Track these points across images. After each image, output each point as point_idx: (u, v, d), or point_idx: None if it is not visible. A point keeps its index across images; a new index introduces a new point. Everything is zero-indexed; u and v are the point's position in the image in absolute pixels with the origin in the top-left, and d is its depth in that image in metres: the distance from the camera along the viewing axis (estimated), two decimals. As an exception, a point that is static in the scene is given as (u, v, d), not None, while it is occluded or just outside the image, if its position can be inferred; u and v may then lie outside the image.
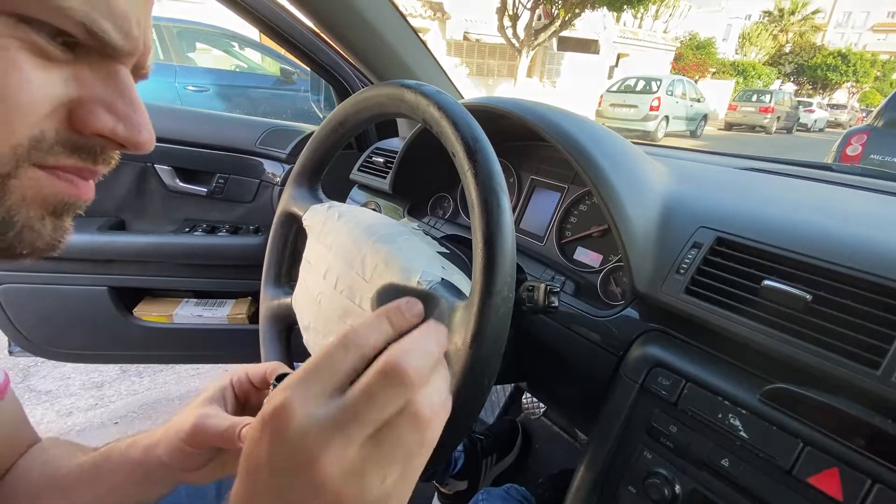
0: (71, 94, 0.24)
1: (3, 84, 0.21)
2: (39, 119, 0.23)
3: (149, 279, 1.20)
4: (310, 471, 0.20)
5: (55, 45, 0.22)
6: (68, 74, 0.23)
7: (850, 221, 0.52)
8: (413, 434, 0.22)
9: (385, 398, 0.21)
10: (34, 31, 0.21)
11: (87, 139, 0.25)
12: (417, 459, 0.23)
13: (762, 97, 13.93)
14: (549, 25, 13.23)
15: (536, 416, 1.26)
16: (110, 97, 0.25)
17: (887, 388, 0.36)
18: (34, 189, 0.24)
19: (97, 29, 0.22)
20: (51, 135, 0.24)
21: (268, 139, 1.23)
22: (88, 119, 0.25)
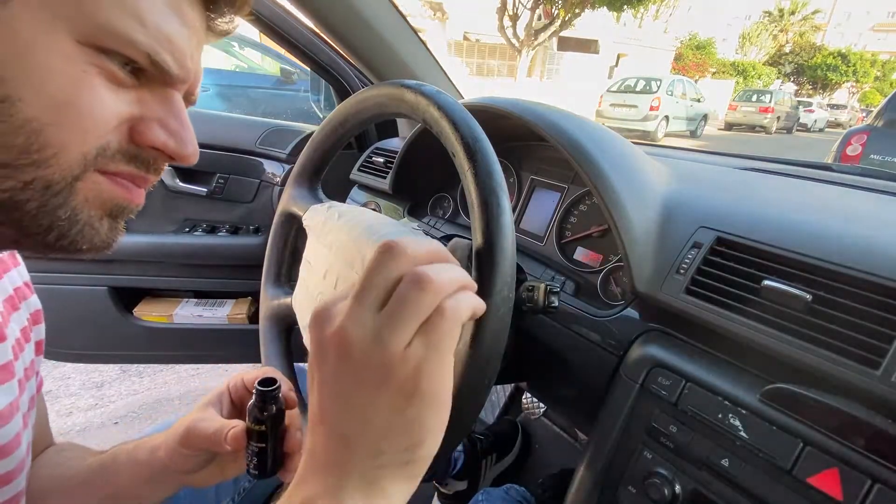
0: (133, 113, 0.28)
1: (83, 101, 0.25)
2: (107, 131, 0.27)
3: (149, 279, 1.20)
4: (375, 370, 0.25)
5: (125, 72, 0.27)
6: (133, 97, 0.28)
7: (850, 221, 0.52)
8: (444, 325, 0.26)
9: (418, 302, 0.25)
10: (109, 60, 0.26)
11: (143, 150, 0.30)
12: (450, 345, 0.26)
13: (762, 97, 13.93)
14: (549, 25, 13.24)
15: (536, 416, 1.26)
16: (165, 117, 0.30)
17: (887, 388, 0.36)
18: (95, 191, 0.28)
19: (159, 59, 0.27)
20: (114, 145, 0.28)
21: (268, 139, 1.23)
22: (146, 133, 0.29)
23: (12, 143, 0.24)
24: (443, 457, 0.35)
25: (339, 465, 0.25)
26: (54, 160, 0.25)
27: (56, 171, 0.26)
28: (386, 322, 0.25)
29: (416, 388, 0.25)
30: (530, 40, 13.36)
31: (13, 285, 0.41)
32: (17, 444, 0.37)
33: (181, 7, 0.28)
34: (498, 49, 18.28)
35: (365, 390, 0.25)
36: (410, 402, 0.25)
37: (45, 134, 0.25)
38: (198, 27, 0.30)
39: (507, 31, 13.10)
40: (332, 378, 0.26)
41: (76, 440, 0.48)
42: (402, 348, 0.25)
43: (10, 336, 0.38)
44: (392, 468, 0.25)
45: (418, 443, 0.25)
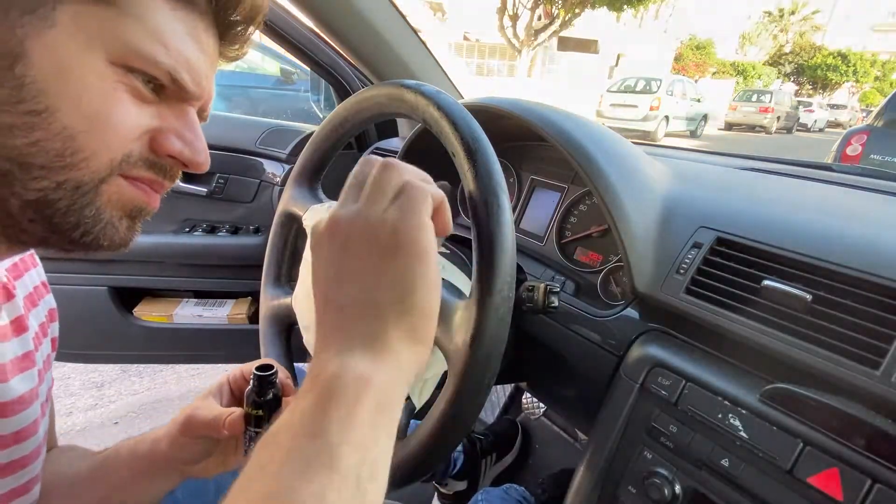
0: (154, 125, 0.32)
1: (112, 113, 0.29)
2: (131, 141, 0.31)
3: (149, 279, 1.20)
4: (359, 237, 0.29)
5: (148, 89, 0.31)
6: (154, 111, 0.32)
7: (850, 221, 0.52)
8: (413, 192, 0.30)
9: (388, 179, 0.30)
10: (135, 77, 0.30)
11: (161, 158, 0.34)
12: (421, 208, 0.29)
13: (762, 97, 13.92)
14: (549, 25, 13.24)
15: (536, 416, 1.26)
16: (181, 129, 0.34)
17: (887, 389, 0.36)
18: (118, 193, 0.32)
19: (178, 77, 0.31)
20: (137, 153, 0.32)
21: (268, 139, 1.23)
22: (164, 143, 0.33)
23: (50, 148, 0.28)
24: (443, 456, 0.35)
25: (341, 330, 0.27)
26: (84, 164, 0.29)
27: (85, 174, 0.29)
28: (364, 200, 0.29)
29: (396, 244, 0.28)
30: (530, 40, 13.36)
31: (32, 283, 0.44)
32: (34, 431, 0.38)
33: (198, 35, 0.33)
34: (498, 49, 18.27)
35: (353, 258, 0.28)
36: (394, 256, 0.28)
37: (77, 140, 0.28)
38: (212, 53, 0.35)
39: (507, 31, 13.10)
40: (326, 258, 0.29)
41: (76, 440, 0.49)
42: (380, 214, 0.29)
43: (31, 328, 0.41)
44: (391, 321, 0.27)
45: (409, 291, 0.28)
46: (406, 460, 0.35)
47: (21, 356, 0.38)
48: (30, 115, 0.27)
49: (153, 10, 0.30)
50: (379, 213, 0.29)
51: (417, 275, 0.28)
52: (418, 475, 0.35)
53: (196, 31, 0.33)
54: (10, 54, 0.26)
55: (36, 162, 0.28)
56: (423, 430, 0.34)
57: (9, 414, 0.35)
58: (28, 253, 0.44)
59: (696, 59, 26.15)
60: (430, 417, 0.34)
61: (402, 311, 0.27)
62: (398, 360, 0.27)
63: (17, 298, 0.40)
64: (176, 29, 0.31)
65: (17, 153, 0.27)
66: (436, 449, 0.34)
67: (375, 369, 0.26)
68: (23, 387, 0.37)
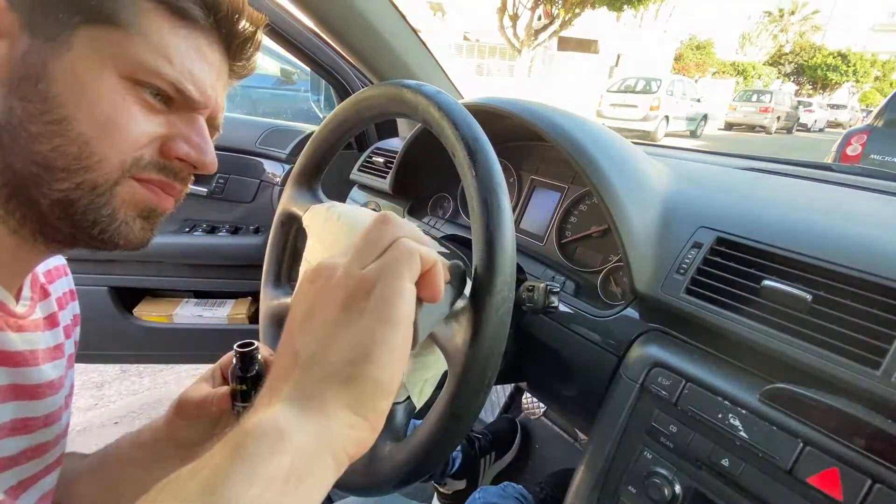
0: (163, 132, 0.36)
1: (121, 121, 0.33)
2: (141, 146, 0.35)
3: (149, 279, 1.20)
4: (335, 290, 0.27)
5: (156, 100, 0.35)
6: (164, 120, 0.36)
7: (850, 221, 0.52)
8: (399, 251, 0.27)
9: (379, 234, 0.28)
10: (143, 89, 0.34)
11: (170, 162, 0.37)
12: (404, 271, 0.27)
13: (762, 97, 13.91)
14: (549, 25, 13.24)
15: (536, 416, 1.26)
16: (189, 133, 0.37)
17: (887, 389, 0.36)
18: (131, 195, 0.36)
19: (182, 88, 0.35)
20: (147, 157, 0.35)
21: (268, 139, 1.23)
22: (173, 148, 0.36)
23: (68, 152, 0.32)
24: (442, 457, 0.35)
25: (284, 381, 0.25)
26: (98, 166, 0.33)
27: (100, 175, 0.33)
28: (353, 252, 0.28)
29: (366, 304, 0.25)
30: (530, 40, 13.37)
31: (62, 290, 0.48)
32: (58, 418, 0.40)
33: (202, 49, 0.37)
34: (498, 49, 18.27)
35: (324, 307, 0.27)
36: (361, 317, 0.25)
37: (91, 145, 0.32)
38: (217, 65, 0.38)
39: (507, 31, 13.10)
40: (301, 300, 0.28)
41: (76, 440, 0.49)
42: (360, 270, 0.27)
43: (61, 324, 0.44)
44: (335, 382, 0.24)
45: (365, 356, 0.24)
46: (405, 460, 0.35)
47: (53, 347, 0.41)
48: (51, 124, 0.32)
49: (157, 30, 0.34)
50: (360, 268, 0.27)
51: (378, 341, 0.24)
52: (418, 475, 0.35)
53: (199, 46, 0.36)
54: (35, 75, 0.31)
55: (57, 165, 0.32)
56: (422, 430, 0.34)
57: (40, 396, 0.37)
58: (61, 263, 0.49)
59: (696, 59, 26.15)
60: (429, 417, 0.34)
61: (349, 377, 0.24)
62: (328, 428, 0.23)
63: (52, 298, 0.44)
64: (179, 45, 0.35)
65: (42, 158, 0.32)
66: (435, 449, 0.34)
67: (298, 428, 0.22)
68: (53, 373, 0.40)
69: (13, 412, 0.34)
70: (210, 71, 0.37)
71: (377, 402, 0.24)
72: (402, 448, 0.36)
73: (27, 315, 0.39)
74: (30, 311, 0.39)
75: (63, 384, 0.42)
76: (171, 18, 0.35)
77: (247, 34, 0.40)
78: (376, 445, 0.38)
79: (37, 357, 0.38)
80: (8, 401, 0.34)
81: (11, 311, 0.37)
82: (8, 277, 0.36)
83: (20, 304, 0.39)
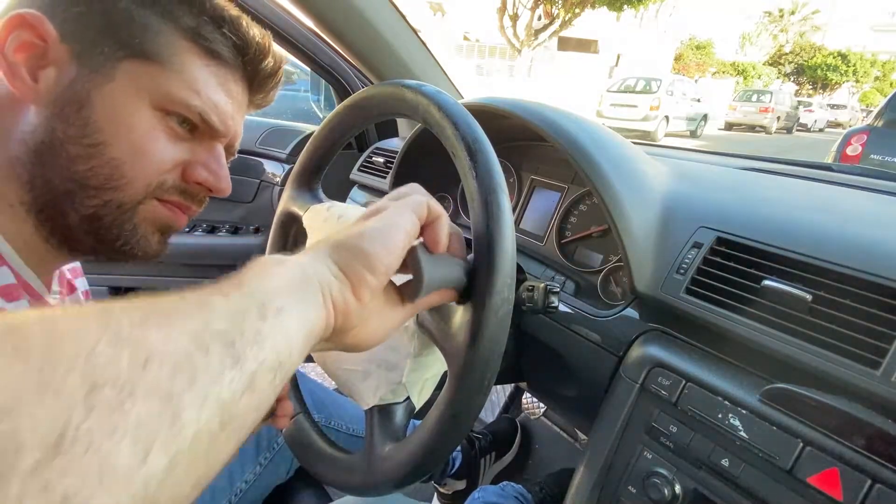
0: (186, 158, 0.40)
1: (150, 147, 0.37)
2: (165, 171, 0.39)
3: (149, 279, 1.20)
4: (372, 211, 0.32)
5: (183, 128, 0.39)
6: (187, 147, 0.40)
7: (850, 221, 0.52)
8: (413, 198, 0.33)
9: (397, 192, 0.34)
10: (172, 119, 0.38)
11: (190, 186, 0.41)
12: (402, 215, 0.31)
13: (762, 97, 13.90)
14: (549, 25, 13.24)
15: (536, 416, 1.26)
16: (208, 161, 0.41)
17: (887, 389, 0.36)
18: (152, 213, 0.40)
19: (208, 118, 0.39)
20: (170, 181, 0.39)
21: (268, 139, 1.23)
22: (193, 173, 0.40)
23: (101, 173, 0.36)
24: (442, 457, 0.35)
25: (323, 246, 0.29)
26: (126, 187, 0.37)
27: (126, 195, 0.37)
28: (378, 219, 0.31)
29: (377, 214, 0.31)
30: (530, 40, 13.37)
31: (80, 290, 0.51)
32: None
33: (228, 85, 0.41)
34: (498, 49, 18.27)
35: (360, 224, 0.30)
36: (368, 222, 0.30)
37: (123, 168, 0.36)
38: (240, 98, 0.43)
39: (507, 31, 13.10)
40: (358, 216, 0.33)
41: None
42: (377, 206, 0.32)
43: None
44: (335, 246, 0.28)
45: (361, 234, 0.29)
46: (405, 460, 0.35)
47: None
48: (89, 148, 0.35)
49: (190, 65, 0.38)
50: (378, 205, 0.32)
51: (374, 230, 0.29)
52: (418, 475, 0.35)
53: (226, 82, 0.40)
54: (79, 101, 0.35)
55: (91, 184, 0.36)
56: (422, 431, 0.34)
57: None
58: (77, 265, 0.52)
59: (696, 59, 26.16)
60: (429, 417, 0.34)
61: (344, 244, 0.28)
62: (317, 269, 0.27)
63: (78, 292, 0.48)
64: (208, 80, 0.39)
65: (79, 176, 0.35)
66: (435, 449, 0.34)
67: (295, 260, 0.26)
68: None
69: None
70: (233, 104, 0.41)
71: (361, 270, 0.28)
72: (402, 448, 0.36)
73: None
74: (60, 303, 0.43)
75: None
76: (203, 57, 0.38)
77: (270, 72, 0.44)
78: (376, 445, 0.38)
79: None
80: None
81: (48, 301, 0.40)
82: (40, 272, 0.39)
83: (51, 297, 0.42)
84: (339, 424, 0.80)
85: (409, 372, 0.39)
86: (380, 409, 0.39)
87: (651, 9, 16.72)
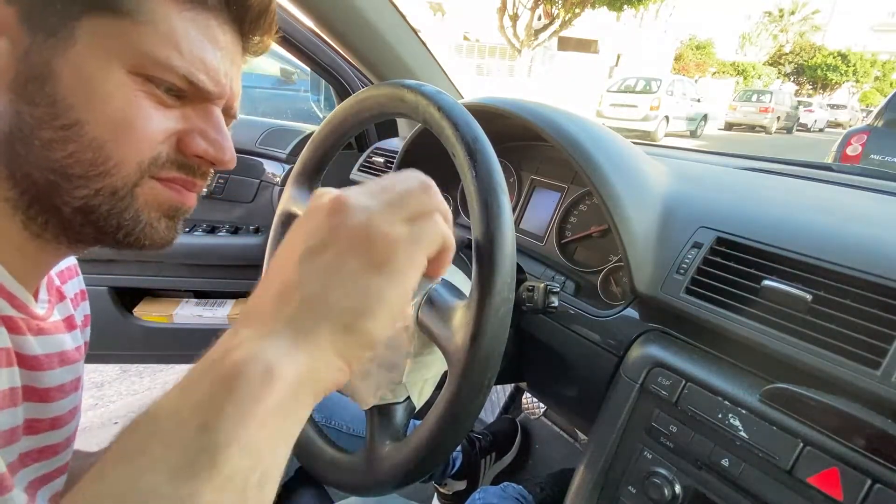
0: (179, 127, 0.34)
1: (134, 120, 0.31)
2: (157, 144, 0.33)
3: (149, 279, 1.20)
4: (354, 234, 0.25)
5: (168, 95, 0.33)
6: (178, 114, 0.34)
7: (850, 221, 0.52)
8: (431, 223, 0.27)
9: (419, 200, 0.27)
10: (154, 85, 0.32)
11: (188, 159, 0.35)
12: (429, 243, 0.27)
13: (762, 97, 13.90)
14: (549, 25, 13.24)
15: (536, 416, 1.26)
16: (206, 128, 0.35)
17: (887, 389, 0.36)
18: (152, 195, 0.34)
19: (195, 80, 0.33)
20: (164, 155, 0.34)
21: (268, 139, 1.23)
22: (190, 144, 0.34)
23: (84, 158, 0.30)
24: (442, 457, 0.35)
25: (275, 310, 0.24)
26: (116, 170, 0.31)
27: (118, 179, 0.32)
28: (383, 203, 0.26)
29: (385, 261, 0.25)
30: (530, 40, 13.37)
31: (73, 291, 0.47)
32: (70, 419, 0.40)
33: (213, 33, 0.34)
34: (498, 49, 18.26)
35: (338, 251, 0.25)
36: (374, 273, 0.25)
37: (106, 149, 0.31)
38: (231, 48, 0.36)
39: (507, 31, 13.10)
40: (307, 231, 0.26)
41: (76, 440, 0.49)
42: (387, 223, 0.25)
43: (78, 325, 0.44)
44: (333, 327, 0.24)
45: (369, 310, 0.24)
46: (406, 460, 0.35)
47: (73, 349, 0.41)
48: (63, 130, 0.30)
49: (164, 16, 0.31)
50: (388, 221, 0.25)
51: (384, 300, 0.25)
52: (418, 475, 0.35)
53: (210, 30, 0.34)
54: (40, 76, 0.29)
55: (74, 172, 0.31)
56: (422, 430, 0.34)
57: (49, 400, 0.37)
58: (72, 263, 0.48)
59: (696, 59, 26.16)
60: (429, 417, 0.34)
61: (347, 325, 0.24)
62: (315, 368, 0.23)
63: (67, 299, 0.44)
64: (188, 31, 0.32)
65: (58, 165, 0.30)
66: (435, 449, 0.34)
67: (288, 365, 0.22)
68: (67, 376, 0.39)
69: (25, 413, 0.34)
70: (223, 57, 0.35)
71: (363, 352, 0.25)
72: (402, 448, 0.36)
73: (47, 317, 0.38)
74: (48, 313, 0.39)
75: (77, 386, 0.42)
76: (177, 1, 0.32)
77: (261, 7, 0.37)
78: (376, 445, 0.38)
79: (52, 361, 0.37)
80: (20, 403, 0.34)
81: (34, 312, 0.36)
82: (27, 279, 0.35)
83: (39, 306, 0.38)
84: (339, 424, 0.80)
85: (409, 372, 0.39)
86: (380, 409, 0.39)
87: (651, 9, 16.72)
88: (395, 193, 0.27)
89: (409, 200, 0.27)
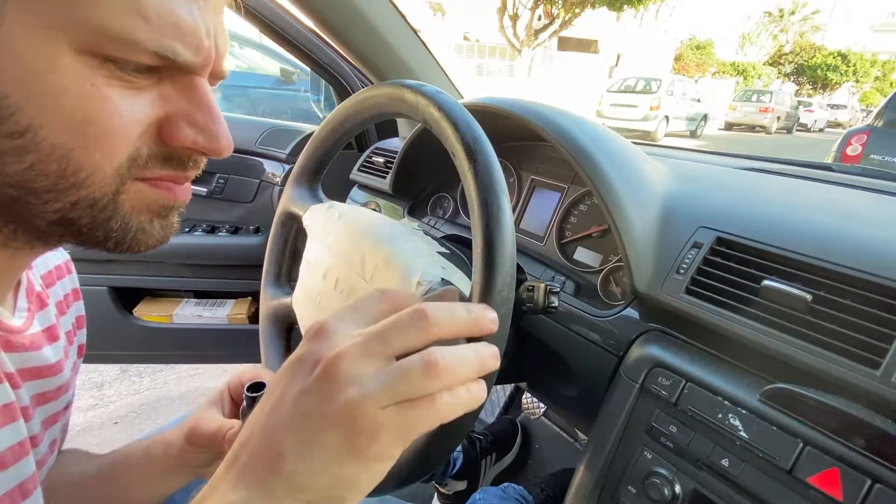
0: (158, 113, 0.27)
1: (99, 116, 0.25)
2: (133, 140, 0.27)
3: (149, 279, 1.20)
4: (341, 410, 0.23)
5: (137, 75, 0.26)
6: (154, 96, 0.27)
7: (850, 221, 0.52)
8: (427, 412, 0.24)
9: (418, 384, 0.24)
10: (117, 67, 0.24)
11: (175, 150, 0.29)
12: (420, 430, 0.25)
13: (762, 97, 13.90)
14: (549, 25, 13.24)
15: (536, 416, 1.26)
16: (191, 110, 0.28)
17: (887, 389, 0.36)
18: (139, 198, 0.29)
19: (168, 53, 0.25)
20: (144, 151, 0.28)
21: (268, 139, 1.23)
22: (175, 134, 0.28)
23: (48, 170, 0.25)
24: (442, 457, 0.35)
25: (262, 483, 0.23)
26: (90, 180, 0.26)
27: (95, 190, 0.26)
28: (379, 380, 0.24)
29: (366, 448, 0.23)
30: (530, 40, 13.37)
31: (63, 291, 0.43)
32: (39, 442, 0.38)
33: None
34: (498, 49, 18.27)
35: (320, 421, 0.23)
36: (355, 458, 0.23)
37: (73, 158, 0.25)
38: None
39: (507, 31, 13.10)
40: (298, 393, 0.24)
41: (76, 440, 0.49)
42: (376, 407, 0.23)
43: (61, 334, 0.40)
44: (304, 498, 0.24)
45: (342, 497, 0.24)
46: (405, 460, 0.35)
47: (53, 363, 0.37)
48: (14, 138, 0.23)
49: None
50: (377, 405, 0.23)
51: (360, 486, 0.24)
52: (418, 475, 0.35)
53: None
54: None
55: (40, 186, 0.25)
56: (422, 431, 0.34)
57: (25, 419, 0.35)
58: (63, 261, 0.44)
59: (696, 59, 26.17)
60: (430, 417, 0.34)
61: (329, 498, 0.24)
62: None
63: (50, 307, 0.39)
64: None
65: (17, 180, 0.24)
66: (435, 449, 0.34)
67: None
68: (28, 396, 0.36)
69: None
70: (200, 10, 0.27)
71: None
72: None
73: (24, 329, 0.35)
74: (27, 323, 0.35)
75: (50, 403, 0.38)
76: None
77: None
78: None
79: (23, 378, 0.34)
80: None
81: (8, 326, 0.32)
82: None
83: (16, 317, 0.34)
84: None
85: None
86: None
87: (651, 9, 16.73)
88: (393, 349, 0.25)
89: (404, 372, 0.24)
